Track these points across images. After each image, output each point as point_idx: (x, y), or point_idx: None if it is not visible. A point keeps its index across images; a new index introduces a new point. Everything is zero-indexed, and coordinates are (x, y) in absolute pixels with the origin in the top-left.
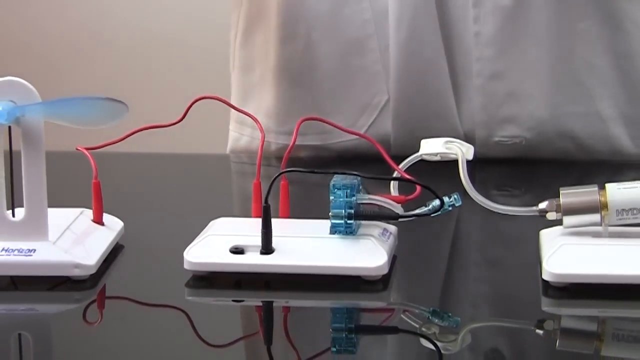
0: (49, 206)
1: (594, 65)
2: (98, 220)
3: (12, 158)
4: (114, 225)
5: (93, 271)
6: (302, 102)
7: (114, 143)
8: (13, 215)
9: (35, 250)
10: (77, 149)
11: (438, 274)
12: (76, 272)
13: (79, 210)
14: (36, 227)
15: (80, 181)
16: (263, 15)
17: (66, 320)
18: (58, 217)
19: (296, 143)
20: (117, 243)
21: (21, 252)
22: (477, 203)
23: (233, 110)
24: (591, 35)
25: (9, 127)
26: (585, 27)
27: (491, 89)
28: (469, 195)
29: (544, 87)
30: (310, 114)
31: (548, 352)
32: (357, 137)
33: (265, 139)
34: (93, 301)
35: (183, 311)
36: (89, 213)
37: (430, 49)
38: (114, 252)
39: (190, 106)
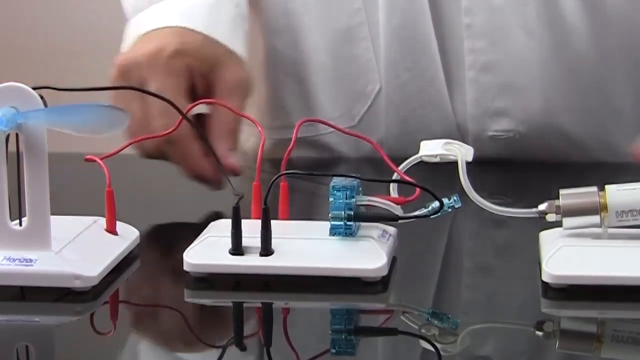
0: (63, 214)
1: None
2: (111, 230)
3: (19, 165)
4: (127, 234)
5: (95, 283)
6: (294, 94)
7: (114, 154)
8: (20, 224)
9: (36, 260)
10: (87, 159)
11: (437, 275)
12: (77, 284)
13: (92, 218)
14: (38, 236)
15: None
16: (250, 7)
17: (64, 333)
18: (69, 225)
19: (279, 137)
20: (131, 252)
21: (22, 261)
22: (477, 204)
23: None
24: (581, 29)
25: (16, 134)
26: (575, 21)
27: (483, 82)
28: (469, 197)
29: (536, 80)
30: (303, 105)
31: (547, 354)
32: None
33: (259, 136)
34: (93, 314)
35: (182, 313)
36: (102, 222)
37: (422, 37)
38: (127, 262)
39: (188, 111)
